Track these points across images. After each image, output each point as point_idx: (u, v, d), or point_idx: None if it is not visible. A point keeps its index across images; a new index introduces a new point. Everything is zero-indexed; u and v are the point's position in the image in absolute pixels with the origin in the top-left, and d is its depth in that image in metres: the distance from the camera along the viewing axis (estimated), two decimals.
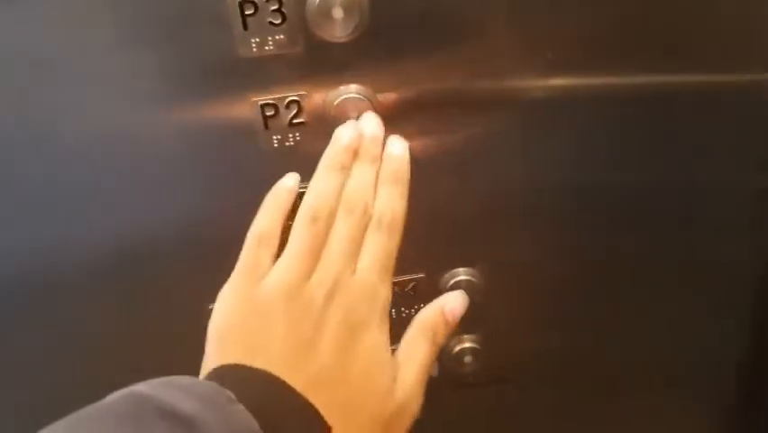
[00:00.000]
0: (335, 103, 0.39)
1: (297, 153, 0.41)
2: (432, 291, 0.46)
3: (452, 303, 0.38)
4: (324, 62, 0.39)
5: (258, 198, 0.39)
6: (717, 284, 0.51)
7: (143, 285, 0.45)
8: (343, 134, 0.37)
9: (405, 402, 0.34)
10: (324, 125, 0.39)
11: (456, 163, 0.43)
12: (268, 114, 0.40)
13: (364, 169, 0.36)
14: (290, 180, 0.37)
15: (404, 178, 0.36)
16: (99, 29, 0.37)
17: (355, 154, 0.36)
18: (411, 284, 0.45)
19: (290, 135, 0.40)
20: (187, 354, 0.34)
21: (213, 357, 0.33)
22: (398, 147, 0.37)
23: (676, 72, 0.43)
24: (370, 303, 0.34)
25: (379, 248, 0.35)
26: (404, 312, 0.47)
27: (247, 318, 0.33)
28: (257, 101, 0.39)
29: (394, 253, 0.36)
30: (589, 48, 0.40)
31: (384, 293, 0.35)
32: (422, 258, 0.45)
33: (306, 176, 0.41)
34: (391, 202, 0.35)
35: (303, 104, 0.39)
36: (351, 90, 0.39)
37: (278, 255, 0.35)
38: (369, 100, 0.39)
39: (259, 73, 0.39)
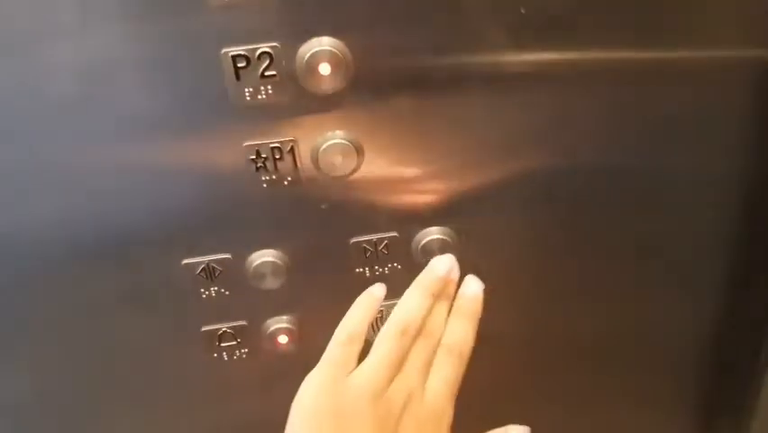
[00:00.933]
0: (307, 56, 0.38)
1: (268, 108, 0.40)
2: (404, 251, 0.46)
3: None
4: (296, 14, 0.38)
5: (228, 153, 0.39)
6: (690, 272, 0.51)
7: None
8: (441, 267, 0.41)
9: None
10: (295, 79, 0.39)
11: (430, 123, 0.42)
12: (239, 65, 0.39)
13: (443, 303, 0.41)
14: (380, 290, 0.42)
15: (476, 315, 0.41)
16: None
17: (445, 285, 0.41)
18: (384, 243, 0.45)
19: (262, 88, 0.39)
20: None
21: None
22: (475, 286, 0.41)
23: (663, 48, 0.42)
24: (436, 423, 0.38)
25: (450, 372, 0.39)
26: (377, 270, 0.47)
27: (338, 408, 0.37)
28: (228, 52, 0.38)
29: (460, 379, 0.40)
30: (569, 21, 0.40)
31: (449, 413, 0.39)
32: (394, 217, 0.45)
33: (277, 129, 0.41)
34: (465, 335, 0.40)
35: (275, 55, 0.38)
36: (323, 43, 0.38)
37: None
38: (341, 54, 0.38)
39: (229, 23, 0.38)
